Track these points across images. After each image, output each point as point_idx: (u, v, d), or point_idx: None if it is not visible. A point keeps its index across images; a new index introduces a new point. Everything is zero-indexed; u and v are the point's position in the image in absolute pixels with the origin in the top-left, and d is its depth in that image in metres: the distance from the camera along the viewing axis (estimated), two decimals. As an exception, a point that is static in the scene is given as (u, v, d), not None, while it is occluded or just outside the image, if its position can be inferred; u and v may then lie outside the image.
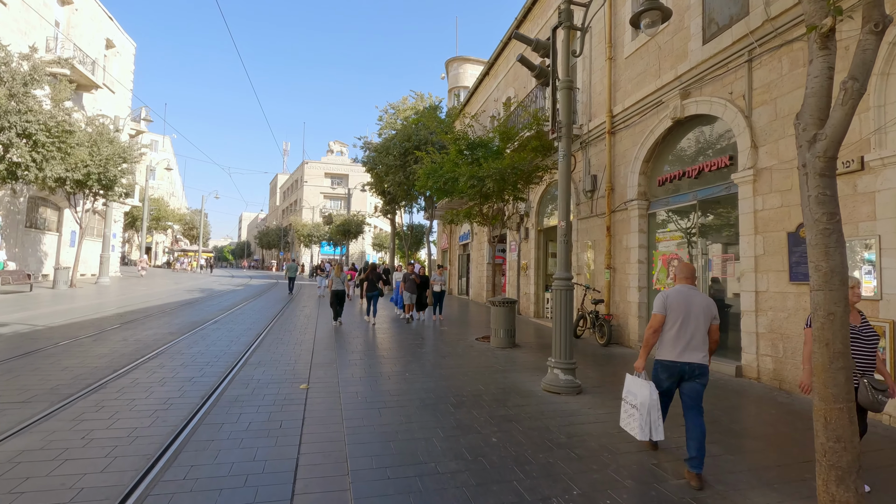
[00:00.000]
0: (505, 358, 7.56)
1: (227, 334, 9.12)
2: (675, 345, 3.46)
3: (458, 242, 22.08)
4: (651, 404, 3.47)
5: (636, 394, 3.58)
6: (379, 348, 8.18)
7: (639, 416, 3.51)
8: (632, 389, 3.65)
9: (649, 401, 3.47)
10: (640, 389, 3.54)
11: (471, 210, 10.03)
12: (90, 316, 10.84)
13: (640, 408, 3.51)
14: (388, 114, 17.83)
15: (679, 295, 3.52)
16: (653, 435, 3.47)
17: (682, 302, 3.48)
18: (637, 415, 3.53)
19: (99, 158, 17.09)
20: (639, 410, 3.52)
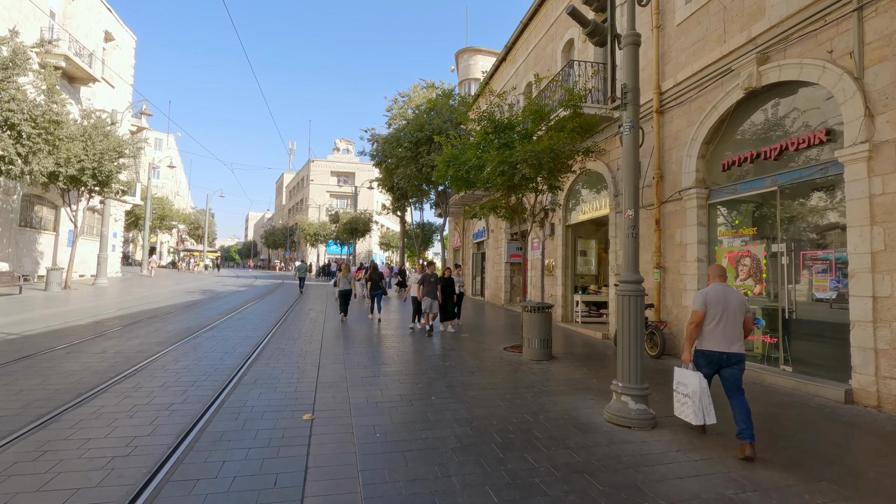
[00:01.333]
0: (544, 374, 6.41)
1: (222, 344, 8.04)
2: (716, 337, 3.94)
3: (471, 240, 20.93)
4: (702, 392, 3.93)
5: (686, 384, 4.03)
6: (395, 362, 7.06)
7: (692, 403, 3.95)
8: (682, 380, 4.11)
9: (700, 389, 3.93)
10: (691, 379, 4.00)
11: (496, 203, 8.86)
12: (74, 322, 9.82)
13: (693, 395, 3.95)
14: (398, 103, 16.78)
15: (717, 292, 4.00)
16: (706, 419, 3.92)
17: (721, 299, 3.96)
18: (690, 402, 3.97)
19: (93, 153, 16.15)
20: (691, 398, 3.96)
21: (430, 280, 9.66)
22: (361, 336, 9.40)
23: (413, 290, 10.29)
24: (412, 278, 10.53)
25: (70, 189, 16.89)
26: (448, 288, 10.05)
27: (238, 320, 11.09)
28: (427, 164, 14.11)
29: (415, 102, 15.95)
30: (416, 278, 10.21)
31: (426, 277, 9.73)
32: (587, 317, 11.16)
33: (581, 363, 7.21)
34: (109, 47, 25.15)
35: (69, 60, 19.63)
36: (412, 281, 10.42)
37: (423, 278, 9.79)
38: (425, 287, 9.65)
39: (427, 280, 9.67)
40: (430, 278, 9.67)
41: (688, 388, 4.01)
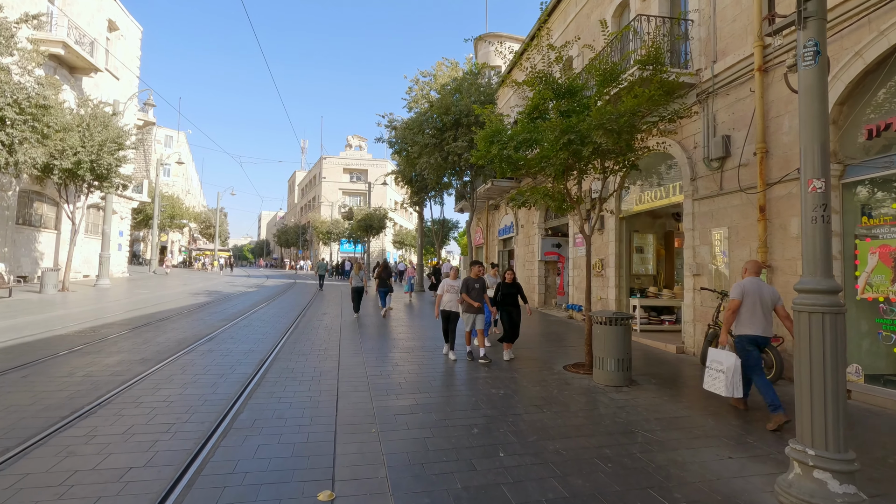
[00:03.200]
0: (634, 409, 4.82)
1: (219, 361, 6.60)
2: (753, 323, 4.59)
3: (496, 237, 19.32)
4: (735, 369, 4.47)
5: (722, 361, 4.58)
6: (435, 387, 5.52)
7: (725, 378, 4.51)
8: (717, 359, 4.65)
9: (734, 366, 4.48)
10: (727, 358, 4.56)
11: (548, 190, 7.24)
12: (55, 331, 8.49)
13: (727, 372, 4.50)
14: (419, 84, 15.25)
15: (752, 284, 4.64)
16: (734, 392, 4.47)
17: (756, 290, 4.61)
18: (723, 377, 4.52)
19: (90, 144, 14.92)
20: (725, 374, 4.51)
21: (475, 286, 7.01)
22: (387, 348, 7.90)
23: (446, 301, 7.15)
24: (444, 285, 7.22)
25: (67, 184, 15.72)
26: (510, 294, 7.30)
27: (243, 328, 9.67)
28: (453, 152, 12.54)
29: (440, 82, 14.40)
30: (448, 284, 7.17)
31: (469, 283, 7.06)
32: (646, 324, 9.51)
33: (673, 391, 5.59)
34: (114, 37, 24.06)
35: (68, 48, 18.49)
36: (443, 289, 7.20)
37: (465, 283, 7.08)
38: (471, 294, 6.97)
39: (471, 286, 7.01)
40: (474, 284, 7.02)
41: (722, 366, 4.55)
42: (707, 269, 7.36)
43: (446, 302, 7.18)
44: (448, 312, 7.18)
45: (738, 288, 4.66)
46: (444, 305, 7.20)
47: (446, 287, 7.21)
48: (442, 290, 7.22)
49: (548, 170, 6.53)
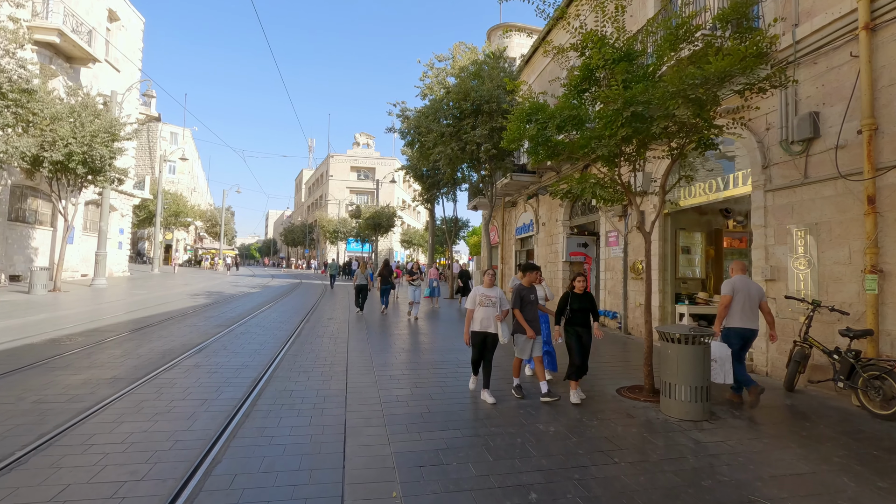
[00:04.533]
0: (734, 459, 3.65)
1: (203, 382, 5.53)
2: (743, 317, 5.08)
3: (513, 236, 18.16)
4: (725, 358, 4.94)
5: (716, 351, 4.93)
6: (464, 419, 4.38)
7: (718, 367, 4.88)
8: (715, 350, 4.93)
9: (727, 356, 4.95)
10: (721, 349, 4.96)
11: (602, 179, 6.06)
12: (26, 339, 7.49)
13: (720, 361, 4.91)
14: (435, 69, 14.11)
15: (742, 282, 5.13)
16: (726, 378, 4.91)
17: (745, 287, 5.10)
18: (716, 366, 4.88)
19: (82, 135, 13.98)
20: (718, 363, 4.90)
21: (531, 299, 5.25)
22: (404, 363, 6.80)
23: (480, 318, 5.08)
24: (475, 296, 5.17)
25: (58, 177, 14.80)
26: (582, 313, 5.23)
27: (239, 336, 8.62)
28: (472, 141, 11.41)
29: (458, 65, 13.26)
30: (482, 295, 5.11)
31: (523, 294, 5.21)
32: (696, 335, 8.29)
33: (771, 430, 4.41)
34: (114, 28, 23.20)
35: (64, 36, 17.60)
36: (475, 301, 5.15)
37: (518, 295, 5.21)
38: (524, 309, 5.18)
39: (525, 299, 5.21)
40: (529, 295, 5.26)
41: (716, 355, 4.92)
42: (785, 274, 6.17)
43: (480, 320, 5.07)
44: (483, 335, 5.05)
45: (729, 285, 5.17)
46: (476, 325, 5.08)
47: (480, 299, 5.11)
48: (473, 303, 5.14)
49: (601, 152, 5.37)
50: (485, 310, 5.10)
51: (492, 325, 5.05)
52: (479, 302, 5.14)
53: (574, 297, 5.36)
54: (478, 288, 5.29)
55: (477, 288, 5.30)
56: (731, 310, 5.08)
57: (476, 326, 5.12)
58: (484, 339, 5.10)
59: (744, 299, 5.02)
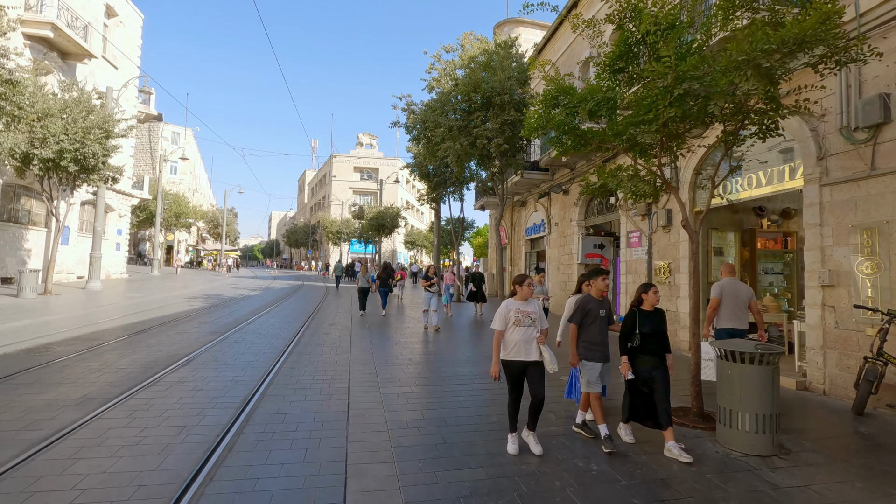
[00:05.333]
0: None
1: (185, 402, 4.85)
2: (732, 318, 5.26)
3: (522, 236, 17.44)
4: None
5: (709, 352, 5.16)
6: (489, 452, 3.66)
7: (713, 366, 4.99)
8: (706, 351, 5.16)
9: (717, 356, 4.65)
10: (711, 350, 5.07)
11: (640, 171, 5.34)
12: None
13: (713, 361, 4.99)
14: (443, 61, 13.37)
15: (730, 285, 5.34)
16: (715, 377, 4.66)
17: (733, 289, 5.30)
18: (712, 365, 5.06)
19: (74, 131, 13.38)
20: (712, 362, 5.05)
21: (601, 314, 4.09)
22: (413, 377, 6.09)
23: (515, 342, 3.74)
24: (507, 311, 3.81)
25: (49, 176, 14.20)
26: (657, 337, 3.97)
27: (233, 345, 7.94)
28: (482, 135, 10.71)
29: (468, 54, 12.55)
30: (518, 311, 3.78)
31: (590, 307, 4.10)
32: (732, 345, 7.55)
33: (858, 468, 3.68)
34: (112, 24, 22.66)
35: (58, 31, 17.04)
36: (508, 318, 3.80)
37: (582, 308, 4.11)
38: (590, 331, 4.09)
39: (593, 314, 4.08)
40: (598, 310, 4.10)
41: (709, 356, 5.15)
42: (847, 279, 5.42)
43: (516, 344, 3.71)
44: (522, 365, 3.71)
45: (717, 287, 5.39)
46: (510, 351, 3.73)
47: (514, 316, 3.74)
48: (504, 322, 3.77)
49: (641, 139, 4.66)
50: (522, 331, 3.74)
51: (533, 351, 3.74)
52: (513, 320, 3.76)
53: (643, 318, 3.92)
54: (509, 302, 3.88)
55: (508, 303, 3.89)
56: (720, 312, 5.30)
57: (510, 354, 3.75)
58: (523, 370, 3.75)
59: (731, 301, 5.24)
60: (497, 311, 3.87)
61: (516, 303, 3.87)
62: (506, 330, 3.81)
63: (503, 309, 3.85)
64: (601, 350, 4.09)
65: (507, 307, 3.85)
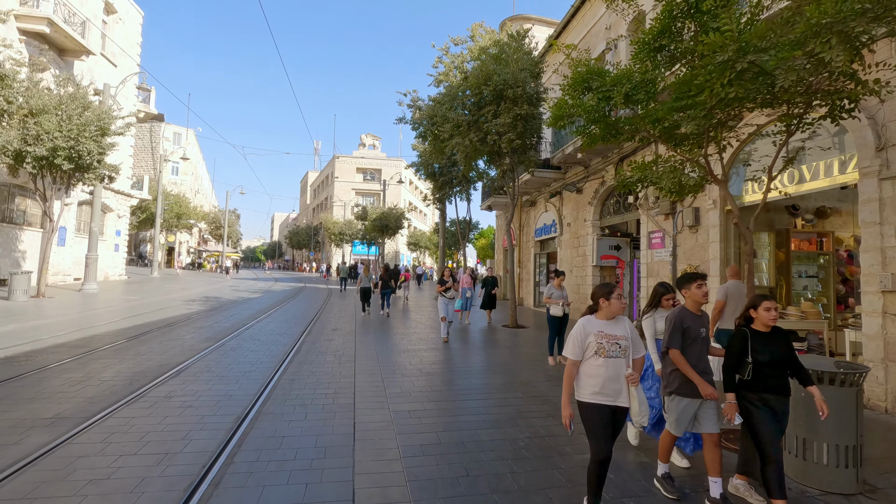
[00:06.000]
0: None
1: (171, 422, 4.29)
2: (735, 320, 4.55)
3: (531, 237, 16.86)
4: None
5: None
6: (530, 485, 3.10)
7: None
8: None
9: None
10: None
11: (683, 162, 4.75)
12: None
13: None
14: (450, 54, 12.82)
15: (735, 286, 5.24)
16: None
17: (737, 291, 5.18)
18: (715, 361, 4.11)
19: (68, 128, 12.89)
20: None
21: (700, 334, 3.15)
22: (422, 391, 5.52)
23: (602, 378, 2.70)
24: (586, 333, 2.79)
25: (43, 174, 13.71)
26: (783, 366, 2.99)
27: (229, 353, 7.39)
28: (493, 131, 10.15)
29: (479, 45, 11.98)
30: (601, 334, 2.74)
31: (688, 322, 3.15)
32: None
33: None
34: (111, 21, 22.23)
35: (55, 26, 16.62)
36: (591, 344, 2.75)
37: (681, 325, 3.14)
38: (689, 353, 3.11)
39: (690, 332, 3.14)
40: (697, 327, 3.16)
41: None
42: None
43: (605, 382, 2.70)
44: (610, 411, 2.72)
45: (723, 290, 5.34)
46: (593, 392, 2.72)
47: (598, 342, 2.74)
48: (581, 348, 2.77)
49: (687, 127, 4.08)
50: (612, 364, 2.70)
51: (623, 393, 2.71)
52: (595, 348, 2.72)
53: (759, 341, 2.96)
54: (588, 322, 2.80)
55: (587, 322, 2.81)
56: (725, 313, 5.29)
57: (590, 394, 2.71)
58: (612, 416, 2.71)
59: (736, 303, 5.19)
60: (571, 334, 2.84)
61: (599, 322, 2.80)
62: (582, 360, 2.78)
63: (579, 331, 2.79)
64: (706, 379, 3.08)
65: (584, 328, 2.79)
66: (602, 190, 11.55)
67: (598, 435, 2.68)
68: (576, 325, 2.86)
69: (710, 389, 3.02)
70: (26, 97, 12.41)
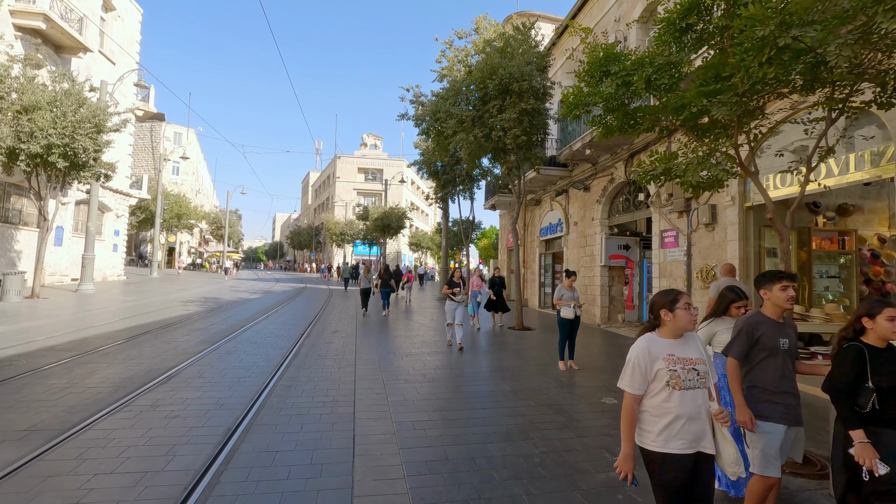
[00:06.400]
0: None
1: (155, 434, 3.95)
2: None
3: (536, 237, 16.50)
4: None
5: None
6: None
7: None
8: None
9: None
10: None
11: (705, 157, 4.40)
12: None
13: None
14: (454, 48, 12.47)
15: (727, 284, 4.07)
16: None
17: None
18: None
19: (63, 125, 12.59)
20: None
21: (782, 344, 2.56)
22: (427, 398, 5.18)
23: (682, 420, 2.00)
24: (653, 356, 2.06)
25: (38, 173, 13.41)
26: None
27: (223, 357, 7.05)
28: (498, 126, 9.81)
29: (484, 38, 11.66)
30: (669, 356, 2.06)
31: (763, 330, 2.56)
32: (792, 359, 6.59)
33: None
34: (109, 18, 21.95)
35: (51, 22, 16.35)
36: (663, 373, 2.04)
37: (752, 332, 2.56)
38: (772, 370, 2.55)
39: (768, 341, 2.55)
40: (776, 336, 2.57)
41: None
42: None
43: (671, 422, 2.02)
44: (688, 462, 2.02)
45: (714, 288, 5.66)
46: (660, 437, 2.02)
47: (669, 369, 2.04)
48: (645, 379, 2.07)
49: (717, 113, 3.73)
50: (690, 397, 2.04)
51: (708, 435, 2.06)
52: (668, 378, 2.04)
53: (878, 360, 2.29)
54: (651, 341, 2.12)
55: (649, 342, 2.12)
56: None
57: (660, 440, 2.03)
58: (693, 467, 2.03)
59: None
60: (628, 359, 2.12)
61: (666, 343, 2.11)
62: (646, 394, 2.09)
63: (643, 355, 2.07)
64: (785, 402, 2.47)
65: (649, 352, 2.07)
66: (611, 187, 11.19)
67: (667, 492, 1.99)
68: (634, 347, 2.14)
69: (747, 415, 2.50)
70: (20, 93, 12.13)
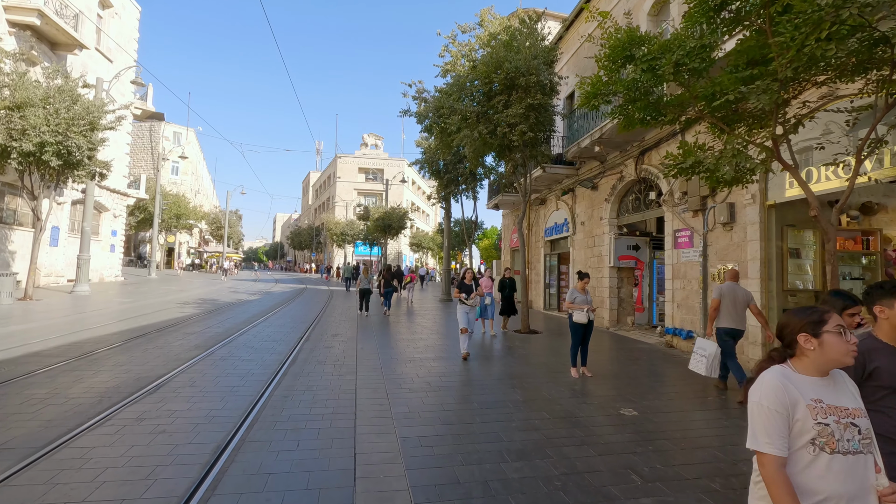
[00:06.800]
0: None
1: (137, 453, 3.60)
2: (730, 319, 5.62)
3: (541, 237, 16.14)
4: (715, 355, 5.59)
5: (706, 348, 5.67)
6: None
7: (706, 362, 5.58)
8: (702, 346, 5.73)
9: (715, 353, 5.59)
10: (710, 346, 5.65)
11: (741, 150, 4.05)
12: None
13: (709, 357, 5.58)
14: (458, 42, 12.14)
15: (728, 288, 5.68)
16: (712, 373, 5.63)
17: (731, 292, 5.66)
18: (705, 361, 5.59)
19: (56, 122, 12.26)
20: (707, 359, 5.59)
21: None
22: (433, 410, 4.82)
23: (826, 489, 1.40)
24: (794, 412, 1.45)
25: (31, 172, 13.09)
26: None
27: (218, 363, 6.70)
28: (504, 122, 9.46)
29: (489, 32, 11.31)
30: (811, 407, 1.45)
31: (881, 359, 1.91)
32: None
33: None
34: (107, 15, 21.65)
35: (45, 18, 16.05)
36: (802, 422, 1.43)
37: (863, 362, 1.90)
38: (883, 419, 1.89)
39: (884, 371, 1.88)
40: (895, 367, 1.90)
41: (706, 352, 5.63)
42: None
43: (835, 497, 1.41)
44: None
45: (717, 290, 5.79)
46: None
47: (819, 422, 1.44)
48: (782, 436, 1.45)
49: (756, 100, 3.37)
50: (850, 465, 1.44)
51: None
52: (814, 435, 1.44)
53: None
54: (787, 377, 1.52)
55: (785, 376, 1.51)
56: (720, 313, 5.68)
57: None
58: None
59: (730, 303, 5.63)
60: (753, 405, 1.53)
61: (808, 382, 1.52)
62: (789, 457, 1.47)
63: (778, 395, 1.48)
64: None
65: (786, 392, 1.48)
66: (620, 186, 10.84)
67: None
68: (761, 385, 1.52)
69: None
70: (12, 89, 11.81)
